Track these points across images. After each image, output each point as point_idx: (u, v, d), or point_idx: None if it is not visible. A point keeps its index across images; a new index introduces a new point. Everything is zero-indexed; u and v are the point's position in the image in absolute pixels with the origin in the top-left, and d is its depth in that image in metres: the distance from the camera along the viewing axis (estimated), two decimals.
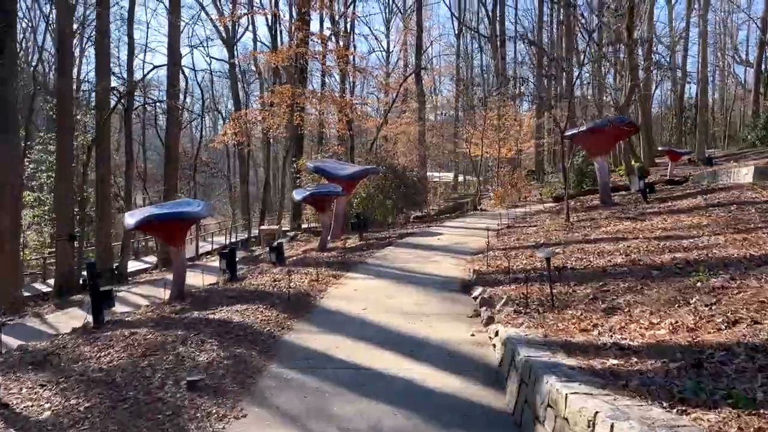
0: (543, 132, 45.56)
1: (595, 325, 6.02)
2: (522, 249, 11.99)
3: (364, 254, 13.82)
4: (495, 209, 25.47)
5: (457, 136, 52.72)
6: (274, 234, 22.53)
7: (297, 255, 16.89)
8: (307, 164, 18.74)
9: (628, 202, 17.71)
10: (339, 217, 18.78)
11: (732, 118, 56.58)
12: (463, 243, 14.70)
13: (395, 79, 45.09)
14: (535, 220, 17.84)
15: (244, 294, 10.05)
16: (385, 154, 24.63)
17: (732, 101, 55.63)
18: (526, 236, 14.22)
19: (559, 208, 19.72)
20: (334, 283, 10.24)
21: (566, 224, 14.79)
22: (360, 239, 17.50)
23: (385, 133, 49.20)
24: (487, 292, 8.47)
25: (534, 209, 21.77)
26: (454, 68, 59.11)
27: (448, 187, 51.66)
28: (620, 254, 9.29)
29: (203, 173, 49.79)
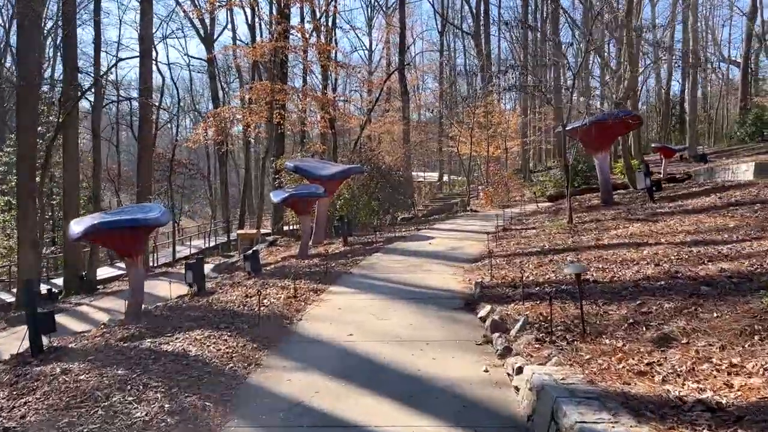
0: (528, 130, 44.45)
1: (650, 363, 4.60)
2: (527, 256, 10.59)
3: (349, 262, 12.34)
4: (486, 209, 24.13)
5: (443, 134, 51.52)
6: (253, 239, 20.95)
7: (276, 262, 15.39)
8: (286, 164, 17.22)
9: (630, 201, 16.43)
10: (321, 221, 17.29)
11: (716, 115, 55.96)
12: (459, 248, 13.29)
13: (378, 77, 43.67)
14: (533, 221, 16.49)
15: (209, 314, 8.52)
16: (370, 154, 23.15)
17: (718, 98, 54.88)
18: (527, 240, 12.85)
19: (556, 209, 18.40)
20: (314, 300, 8.73)
21: (569, 226, 13.44)
22: (344, 244, 16.04)
23: (369, 132, 47.80)
24: (497, 311, 7.03)
25: (528, 209, 20.44)
26: (438, 66, 57.89)
27: (433, 187, 50.24)
28: (648, 263, 7.91)
29: (182, 175, 48.00)
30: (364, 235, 18.21)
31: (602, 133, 15.68)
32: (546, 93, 14.84)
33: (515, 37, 52.07)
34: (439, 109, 51.92)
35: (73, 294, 19.63)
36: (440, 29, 55.22)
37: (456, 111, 51.17)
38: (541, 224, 15.38)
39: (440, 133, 53.42)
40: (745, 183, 15.07)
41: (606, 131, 15.76)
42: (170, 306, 10.13)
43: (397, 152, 38.83)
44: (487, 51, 44.79)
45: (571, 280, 7.83)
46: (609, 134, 15.96)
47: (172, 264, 31.56)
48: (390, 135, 47.59)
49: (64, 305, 16.28)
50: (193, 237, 42.63)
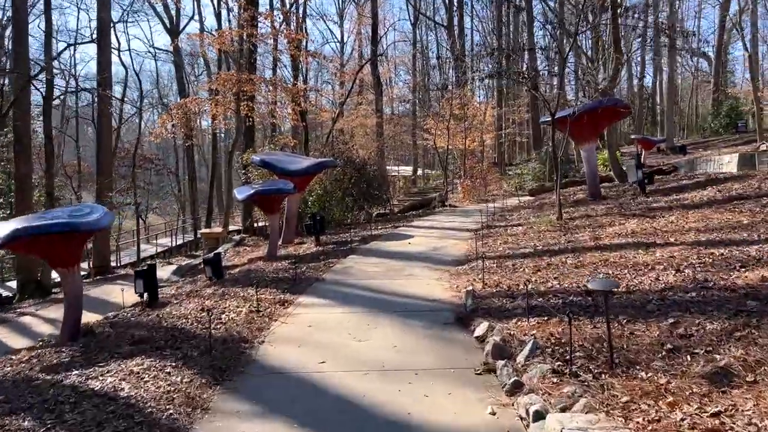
0: (503, 123, 43.59)
1: (716, 414, 3.47)
2: (519, 258, 9.47)
3: (322, 266, 11.08)
4: (464, 204, 23.06)
5: (417, 127, 50.41)
6: (218, 238, 19.49)
7: (242, 265, 14.07)
8: (252, 158, 15.82)
9: (619, 195, 15.47)
10: (291, 219, 15.98)
11: (687, 108, 55.91)
12: (441, 248, 12.12)
13: (351, 69, 42.27)
14: (517, 217, 15.43)
15: (155, 334, 7.21)
16: (343, 147, 21.85)
17: (689, 91, 54.74)
18: (515, 239, 11.74)
19: (540, 203, 17.39)
20: (280, 316, 7.46)
21: (559, 223, 12.39)
22: (317, 244, 14.77)
23: (342, 125, 46.51)
24: (497, 330, 5.87)
25: (509, 204, 19.39)
26: (411, 59, 56.70)
27: (407, 181, 49.18)
28: (666, 268, 6.83)
29: (149, 170, 45.99)
30: (339, 234, 16.95)
31: (591, 123, 14.65)
32: (529, 79, 13.66)
33: (489, 28, 51.27)
34: (414, 100, 50.78)
35: (26, 298, 18.10)
36: (413, 21, 54.09)
37: (430, 104, 50.19)
38: (527, 220, 14.33)
39: (414, 126, 52.33)
40: (743, 175, 14.20)
41: (594, 121, 14.75)
42: (115, 321, 8.76)
43: (370, 146, 37.63)
44: (461, 42, 43.77)
45: (581, 289, 6.72)
46: (597, 124, 14.95)
47: (136, 264, 29.88)
48: (363, 128, 46.34)
49: (9, 314, 14.74)
50: (161, 234, 40.91)
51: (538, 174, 27.27)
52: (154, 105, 57.00)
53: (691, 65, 58.29)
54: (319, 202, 19.33)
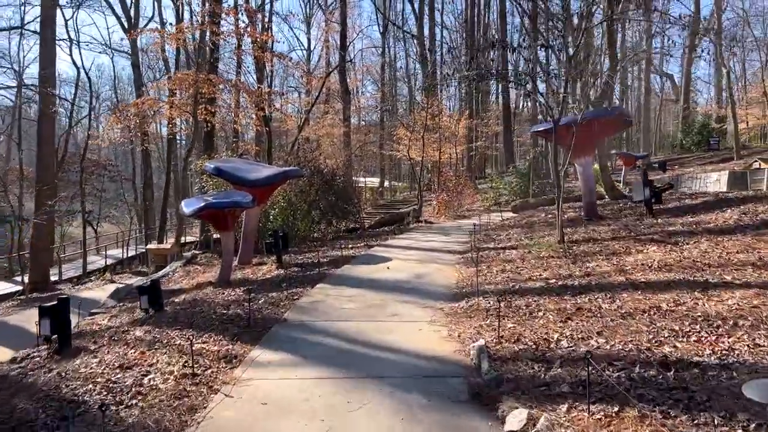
0: (474, 135, 42.08)
1: None
2: (532, 296, 7.54)
3: (283, 298, 8.94)
4: (440, 220, 21.18)
5: (385, 138, 48.63)
6: (166, 255, 17.10)
7: (189, 289, 11.84)
8: (206, 165, 13.59)
9: (617, 214, 13.80)
10: (249, 236, 13.80)
11: (655, 125, 55.59)
12: (426, 276, 10.12)
13: (318, 76, 40.23)
14: (506, 238, 13.57)
15: (42, 413, 4.99)
16: (309, 155, 19.76)
17: (657, 108, 54.41)
18: (513, 266, 9.84)
19: (528, 221, 15.60)
20: (224, 382, 5.31)
21: (562, 248, 10.57)
22: (278, 265, 12.64)
23: (308, 134, 44.38)
24: (543, 426, 3.90)
25: (492, 221, 17.57)
26: (379, 68, 55.03)
27: (374, 193, 47.16)
28: (756, 326, 4.99)
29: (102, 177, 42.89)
30: (304, 253, 14.84)
31: (588, 134, 12.96)
32: (526, 79, 11.83)
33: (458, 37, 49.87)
34: (383, 108, 48.94)
35: None
36: (382, 30, 52.44)
37: (400, 114, 48.45)
38: (519, 242, 12.49)
39: (382, 136, 50.55)
40: (759, 196, 12.64)
41: (592, 132, 13.06)
42: (3, 375, 6.48)
43: (338, 156, 35.60)
44: (432, 50, 42.19)
45: (651, 357, 4.79)
46: (594, 135, 13.27)
47: (81, 279, 27.05)
48: (330, 138, 44.27)
49: None
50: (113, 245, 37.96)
51: (515, 188, 25.62)
52: (112, 108, 53.77)
53: (656, 85, 58.30)
54: (282, 216, 17.17)
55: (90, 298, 18.22)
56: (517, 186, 25.46)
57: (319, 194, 18.56)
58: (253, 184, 12.84)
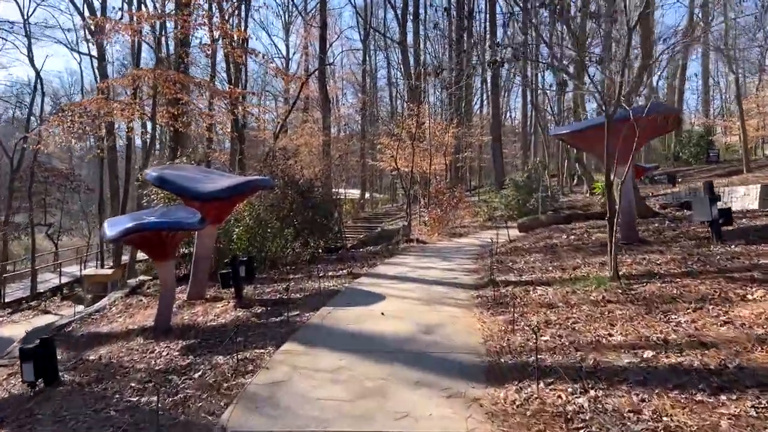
0: (461, 144, 39.31)
1: None
2: (632, 386, 4.56)
3: (229, 376, 5.83)
4: (434, 239, 18.20)
5: (365, 148, 45.84)
6: (106, 283, 13.82)
7: (117, 336, 8.77)
8: (147, 174, 10.39)
9: (662, 237, 10.98)
10: (202, 263, 10.66)
11: None
12: (437, 328, 7.09)
13: (296, 77, 37.19)
14: (526, 266, 10.62)
15: None
16: (283, 164, 16.65)
17: None
18: (562, 317, 6.87)
19: (546, 244, 12.68)
20: None
21: (619, 286, 7.65)
22: (238, 303, 9.58)
23: (286, 143, 41.45)
24: None
25: (498, 242, 14.64)
26: (359, 77, 52.26)
27: (355, 205, 44.07)
28: None
29: (63, 187, 39.16)
30: (273, 282, 11.75)
31: (628, 137, 10.12)
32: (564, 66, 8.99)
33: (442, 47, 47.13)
34: (367, 112, 46.05)
35: None
36: (363, 37, 49.66)
37: (385, 120, 45.69)
38: (549, 273, 9.57)
39: (363, 146, 47.66)
40: None
41: (631, 134, 10.22)
42: None
43: (316, 165, 32.54)
44: (417, 56, 39.38)
45: None
46: (643, 137, 10.40)
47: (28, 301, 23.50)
48: (309, 147, 41.21)
49: None
50: (72, 261, 34.37)
51: (511, 203, 22.83)
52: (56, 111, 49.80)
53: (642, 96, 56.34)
54: (248, 236, 14.05)
55: (5, 338, 14.87)
56: (514, 200, 22.67)
57: (294, 208, 15.49)
58: (206, 198, 9.74)
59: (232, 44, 21.45)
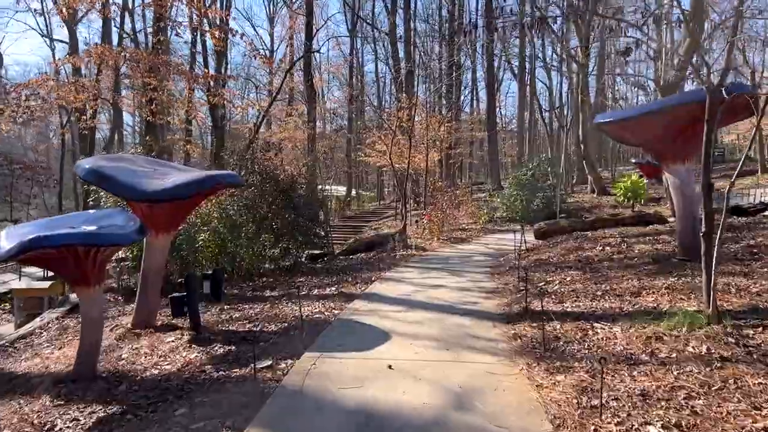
0: (452, 140, 37.04)
1: None
2: None
3: None
4: (433, 245, 15.86)
5: (352, 144, 43.49)
6: (42, 298, 11.26)
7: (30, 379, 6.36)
8: (78, 165, 7.92)
9: (728, 250, 8.75)
10: (151, 281, 8.20)
11: None
12: (473, 397, 4.70)
13: (279, 78, 34.72)
14: (565, 288, 8.32)
15: None
16: (261, 156, 14.16)
17: None
18: (658, 384, 4.54)
19: (576, 257, 10.40)
20: None
21: (725, 331, 5.36)
22: (192, 336, 7.20)
23: (269, 137, 39.02)
24: None
25: (510, 250, 12.33)
26: (346, 70, 49.71)
27: (341, 203, 41.61)
28: None
29: (29, 181, 36.24)
30: (244, 303, 9.36)
31: (693, 126, 7.89)
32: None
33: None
34: (356, 99, 43.58)
35: None
36: (350, 27, 47.14)
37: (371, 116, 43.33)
38: (596, 299, 7.29)
39: (349, 141, 45.26)
40: None
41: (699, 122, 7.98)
42: None
43: (300, 160, 30.00)
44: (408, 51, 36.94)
45: None
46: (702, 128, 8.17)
47: None
48: (293, 142, 38.73)
49: None
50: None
51: (515, 203, 20.60)
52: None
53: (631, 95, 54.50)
54: (217, 243, 11.61)
55: None
56: (517, 200, 20.42)
57: (274, 209, 13.07)
58: (154, 198, 7.29)
59: (210, 24, 18.94)
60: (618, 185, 17.15)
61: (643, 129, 8.32)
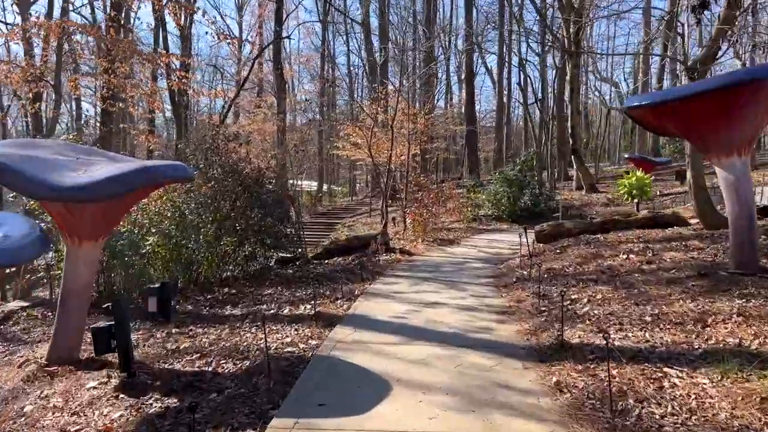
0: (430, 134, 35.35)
1: None
2: None
3: None
4: (418, 248, 14.11)
5: (324, 137, 41.53)
6: None
7: None
8: None
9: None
10: (72, 304, 6.23)
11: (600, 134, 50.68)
12: None
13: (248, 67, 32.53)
14: (591, 306, 6.66)
15: None
16: (224, 146, 12.12)
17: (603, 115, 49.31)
18: None
19: (598, 267, 8.77)
20: None
21: None
22: (122, 380, 5.30)
23: (237, 129, 36.73)
24: None
25: (507, 254, 10.68)
26: (318, 61, 47.58)
27: (313, 199, 39.55)
28: None
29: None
30: (200, 322, 7.50)
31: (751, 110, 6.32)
32: None
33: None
34: (321, 107, 41.70)
35: None
36: (321, 17, 44.99)
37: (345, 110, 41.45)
38: (646, 327, 5.65)
39: (321, 135, 43.20)
40: None
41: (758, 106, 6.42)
42: None
43: (270, 153, 27.88)
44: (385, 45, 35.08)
45: None
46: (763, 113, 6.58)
47: None
48: (262, 135, 36.53)
49: None
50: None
51: (501, 200, 19.02)
52: None
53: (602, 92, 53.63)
54: (169, 249, 9.64)
55: None
56: (504, 197, 18.84)
57: (238, 208, 11.13)
58: (66, 196, 5.35)
59: None
60: (621, 182, 15.72)
61: (691, 113, 6.71)
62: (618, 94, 50.45)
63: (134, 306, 9.14)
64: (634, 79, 44.50)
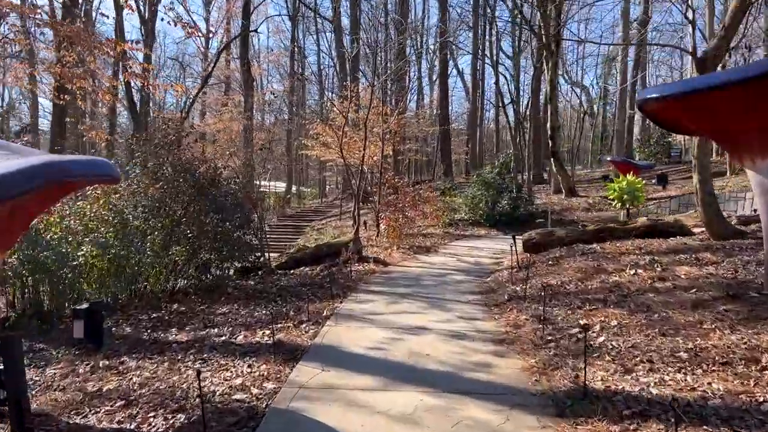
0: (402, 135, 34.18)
1: None
2: None
3: None
4: (394, 256, 12.86)
5: (292, 137, 40.05)
6: None
7: None
8: None
9: None
10: None
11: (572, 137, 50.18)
12: None
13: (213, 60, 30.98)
14: (607, 336, 5.53)
15: None
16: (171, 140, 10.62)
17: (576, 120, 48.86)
18: None
19: (603, 283, 7.65)
20: None
21: None
22: None
23: (203, 127, 35.16)
24: None
25: (492, 266, 9.53)
26: (287, 59, 46.03)
27: (280, 200, 37.95)
28: None
29: None
30: (136, 349, 6.13)
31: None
32: None
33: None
34: (290, 106, 40.21)
35: None
36: (291, 13, 43.41)
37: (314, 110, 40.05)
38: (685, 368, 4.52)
39: (290, 134, 41.68)
40: None
41: None
42: None
43: (235, 153, 26.28)
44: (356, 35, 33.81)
45: None
46: None
47: None
48: (228, 134, 34.84)
49: None
50: None
51: (479, 204, 17.95)
52: None
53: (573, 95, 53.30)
54: (108, 259, 8.18)
55: None
56: (482, 201, 17.76)
57: (190, 213, 9.71)
58: None
59: None
60: (611, 186, 14.76)
61: (719, 108, 5.65)
62: (587, 99, 50.13)
63: (63, 327, 7.69)
64: (604, 82, 44.22)
